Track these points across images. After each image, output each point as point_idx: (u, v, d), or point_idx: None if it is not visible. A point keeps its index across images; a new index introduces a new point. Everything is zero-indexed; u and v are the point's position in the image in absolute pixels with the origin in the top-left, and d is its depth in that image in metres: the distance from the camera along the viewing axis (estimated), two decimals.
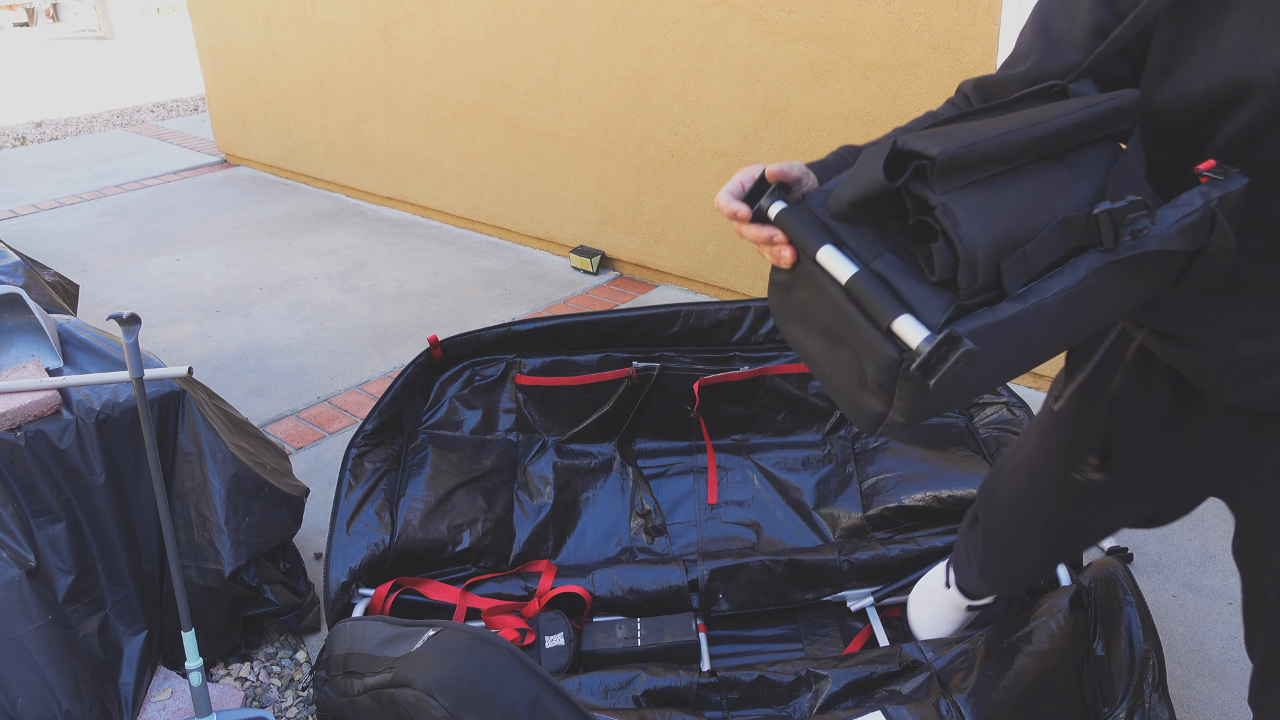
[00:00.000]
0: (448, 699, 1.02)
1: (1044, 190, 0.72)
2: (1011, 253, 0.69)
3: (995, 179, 0.70)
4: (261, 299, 3.30)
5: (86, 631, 1.53)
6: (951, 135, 0.70)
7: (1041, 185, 0.72)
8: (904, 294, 0.69)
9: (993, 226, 0.68)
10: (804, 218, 0.75)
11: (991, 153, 0.69)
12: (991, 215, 0.69)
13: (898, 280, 0.69)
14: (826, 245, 0.72)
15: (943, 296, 0.68)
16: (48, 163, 5.29)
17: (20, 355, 1.67)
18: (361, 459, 1.74)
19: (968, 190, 0.69)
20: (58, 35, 11.44)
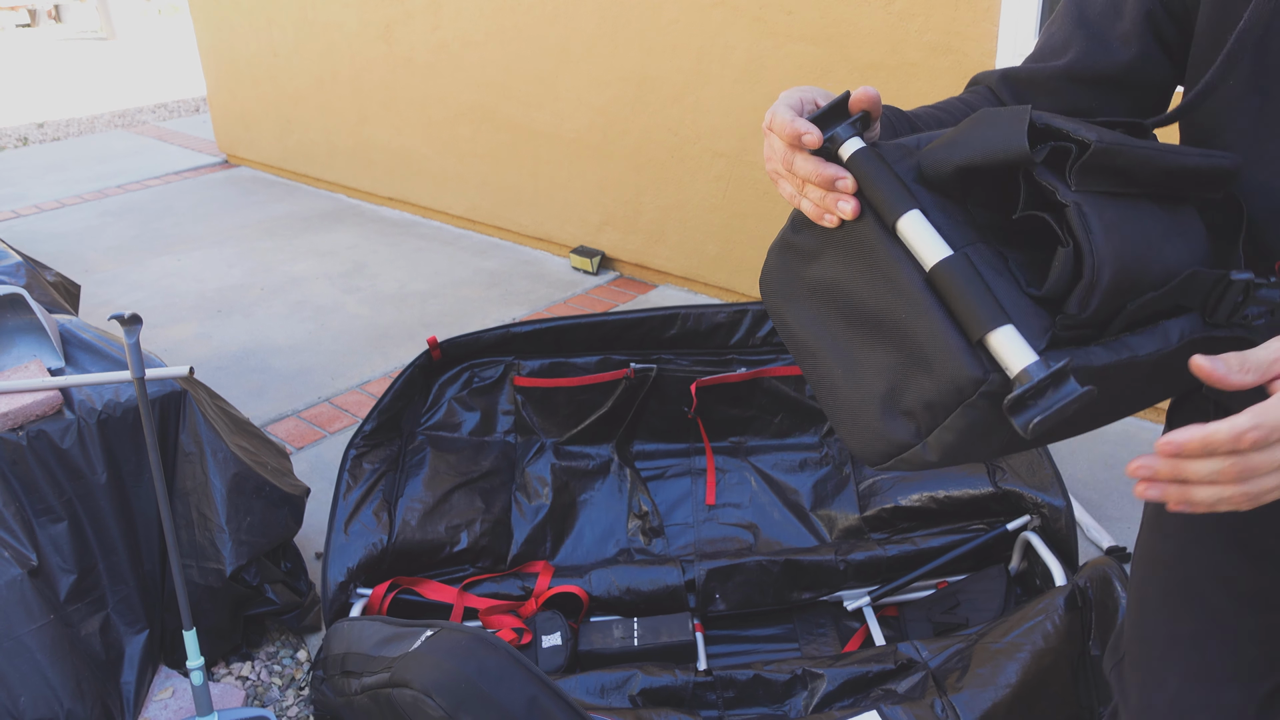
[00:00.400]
0: (445, 699, 1.03)
1: (1158, 230, 0.59)
2: (1129, 288, 0.56)
3: (1126, 198, 0.58)
4: (262, 299, 3.31)
5: (88, 630, 1.54)
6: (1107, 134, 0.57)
7: (1155, 224, 0.59)
8: (1002, 298, 0.55)
9: (1124, 252, 0.55)
10: (885, 168, 0.59)
11: (1136, 163, 0.57)
12: (1126, 238, 0.56)
13: (994, 280, 0.56)
14: (914, 210, 0.57)
15: (1042, 317, 0.55)
16: (50, 163, 5.31)
17: (22, 355, 1.68)
18: (360, 459, 1.75)
19: (1102, 200, 0.56)
20: (60, 36, 11.46)
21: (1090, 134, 0.56)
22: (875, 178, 0.59)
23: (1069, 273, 0.55)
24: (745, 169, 2.91)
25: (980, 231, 0.58)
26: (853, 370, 0.61)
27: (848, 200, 0.59)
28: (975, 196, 0.59)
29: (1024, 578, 1.67)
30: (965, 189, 0.59)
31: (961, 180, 0.58)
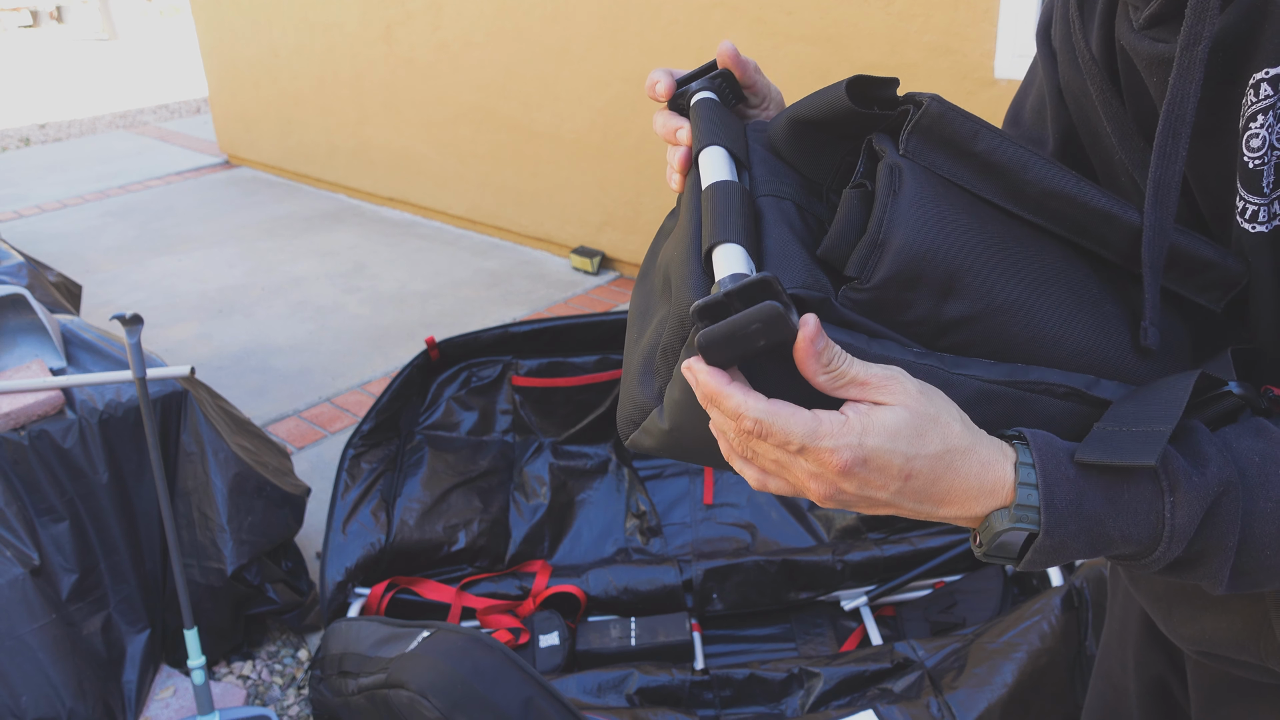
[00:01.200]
0: (441, 700, 1.03)
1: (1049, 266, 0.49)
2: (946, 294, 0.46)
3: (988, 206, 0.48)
4: (263, 299, 3.32)
5: (90, 630, 1.55)
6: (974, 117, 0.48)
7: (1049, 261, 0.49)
8: (769, 243, 0.46)
9: (943, 237, 0.46)
10: (723, 120, 0.53)
11: (1004, 159, 0.47)
12: (956, 224, 0.46)
13: (775, 229, 0.47)
14: (715, 146, 0.51)
15: (814, 273, 0.46)
16: (51, 164, 5.32)
17: (24, 355, 1.69)
18: (358, 459, 1.76)
19: (942, 180, 0.47)
20: (62, 37, 11.48)
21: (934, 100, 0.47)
22: (704, 119, 0.53)
23: (853, 228, 0.47)
24: None
25: (814, 207, 0.51)
26: (642, 332, 0.53)
27: (682, 149, 0.55)
28: (828, 163, 0.52)
29: (1021, 578, 1.67)
30: (805, 152, 0.52)
31: (797, 138, 0.52)
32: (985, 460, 0.44)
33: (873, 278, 0.45)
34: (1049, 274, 0.49)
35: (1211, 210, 0.52)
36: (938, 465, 0.44)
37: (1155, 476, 0.44)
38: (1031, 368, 0.48)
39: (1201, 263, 0.50)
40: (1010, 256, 0.48)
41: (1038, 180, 0.48)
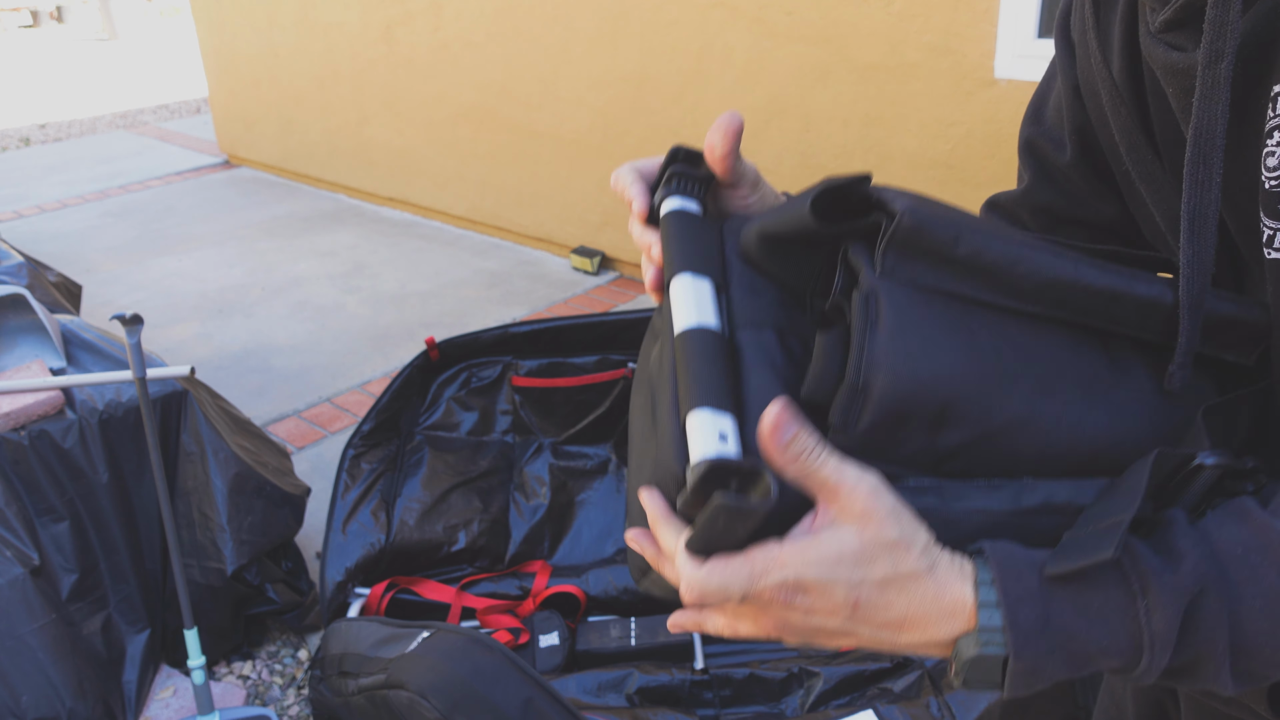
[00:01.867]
0: (440, 701, 1.03)
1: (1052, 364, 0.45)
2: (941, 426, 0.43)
3: (982, 309, 0.45)
4: (263, 299, 3.32)
5: (90, 630, 1.55)
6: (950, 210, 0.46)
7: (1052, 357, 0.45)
8: (750, 390, 0.43)
9: (930, 367, 0.42)
10: (697, 234, 0.50)
11: (990, 261, 0.44)
12: (942, 350, 0.43)
13: (757, 370, 0.44)
14: (684, 274, 0.47)
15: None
16: (51, 164, 5.32)
17: (24, 355, 1.69)
18: (358, 459, 1.76)
19: (927, 295, 0.44)
20: (62, 37, 11.48)
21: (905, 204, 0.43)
22: (675, 237, 0.50)
23: (833, 369, 0.44)
24: None
25: (798, 326, 0.47)
26: (640, 463, 0.51)
27: (650, 268, 0.52)
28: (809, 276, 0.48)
29: None
30: (781, 264, 0.48)
31: (769, 252, 0.48)
32: (942, 581, 0.41)
33: (857, 426, 0.43)
34: (1053, 374, 0.45)
35: (1244, 234, 0.47)
36: (887, 592, 0.41)
37: (1125, 579, 0.40)
38: (1039, 483, 0.44)
39: (1224, 321, 0.46)
40: (1007, 368, 0.44)
41: (1031, 273, 0.45)
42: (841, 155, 2.67)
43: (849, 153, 2.65)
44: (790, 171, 2.80)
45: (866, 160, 2.62)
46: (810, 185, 0.47)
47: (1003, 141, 2.35)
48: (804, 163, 2.76)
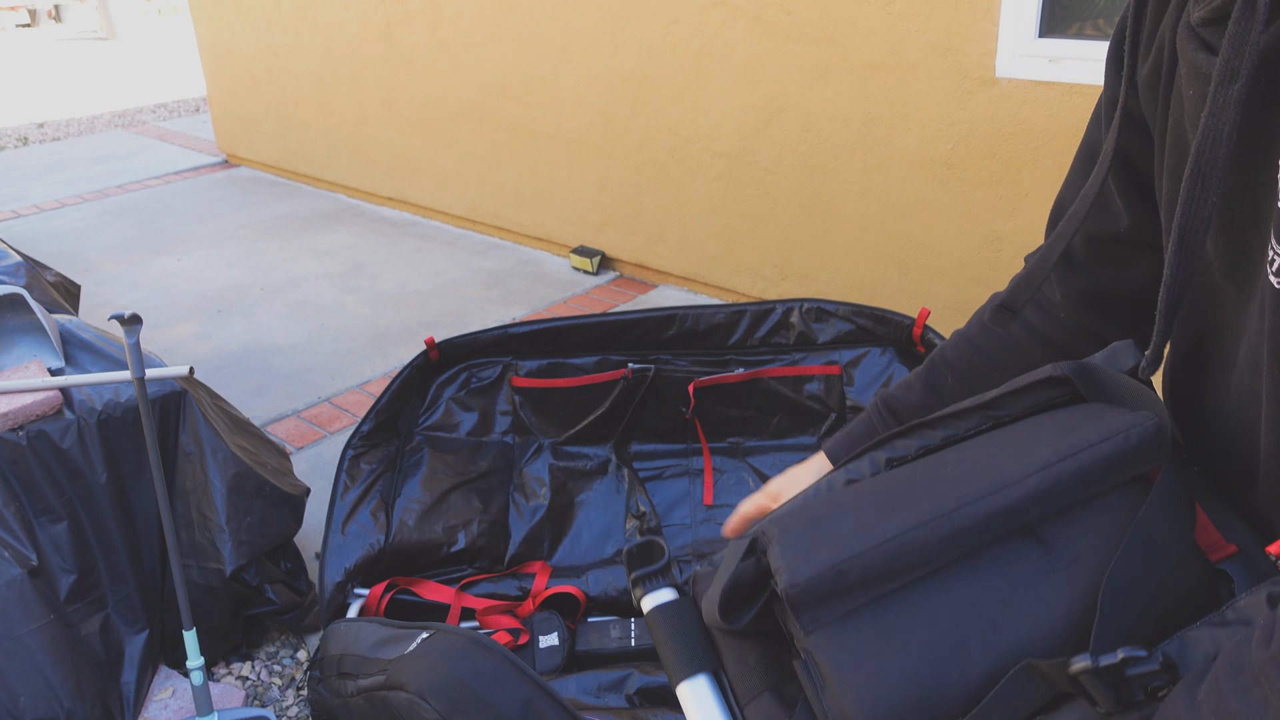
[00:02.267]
0: (440, 702, 1.03)
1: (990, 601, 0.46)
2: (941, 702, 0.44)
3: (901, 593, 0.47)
4: (262, 299, 3.31)
5: (88, 630, 1.54)
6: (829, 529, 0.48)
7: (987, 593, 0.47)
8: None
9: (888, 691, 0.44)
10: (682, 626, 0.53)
11: (881, 569, 0.46)
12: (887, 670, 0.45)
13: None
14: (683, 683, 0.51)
15: None
16: (50, 163, 5.31)
17: (22, 355, 1.68)
18: (358, 460, 1.76)
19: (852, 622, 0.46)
20: (60, 36, 11.47)
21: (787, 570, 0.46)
22: (662, 644, 0.54)
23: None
24: (745, 169, 2.91)
25: (780, 670, 0.50)
26: None
27: None
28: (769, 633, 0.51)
29: None
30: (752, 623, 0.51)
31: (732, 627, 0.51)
32: None
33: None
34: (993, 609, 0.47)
35: (1230, 255, 0.47)
36: None
37: None
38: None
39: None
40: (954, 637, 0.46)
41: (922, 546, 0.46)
42: (842, 155, 2.67)
43: (849, 152, 2.65)
44: (790, 171, 2.80)
45: (867, 160, 2.62)
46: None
47: (1003, 141, 2.35)
48: (804, 163, 2.76)
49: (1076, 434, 0.50)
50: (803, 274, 2.91)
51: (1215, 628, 0.45)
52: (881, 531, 0.47)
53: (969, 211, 2.47)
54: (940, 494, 0.48)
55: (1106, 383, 0.55)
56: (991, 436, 0.55)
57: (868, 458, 0.58)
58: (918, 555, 0.47)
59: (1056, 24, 2.24)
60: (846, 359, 1.90)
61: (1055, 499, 0.48)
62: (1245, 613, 0.45)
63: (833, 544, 0.47)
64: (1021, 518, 0.48)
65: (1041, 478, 0.48)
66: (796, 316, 1.92)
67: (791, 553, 0.47)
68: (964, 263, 2.53)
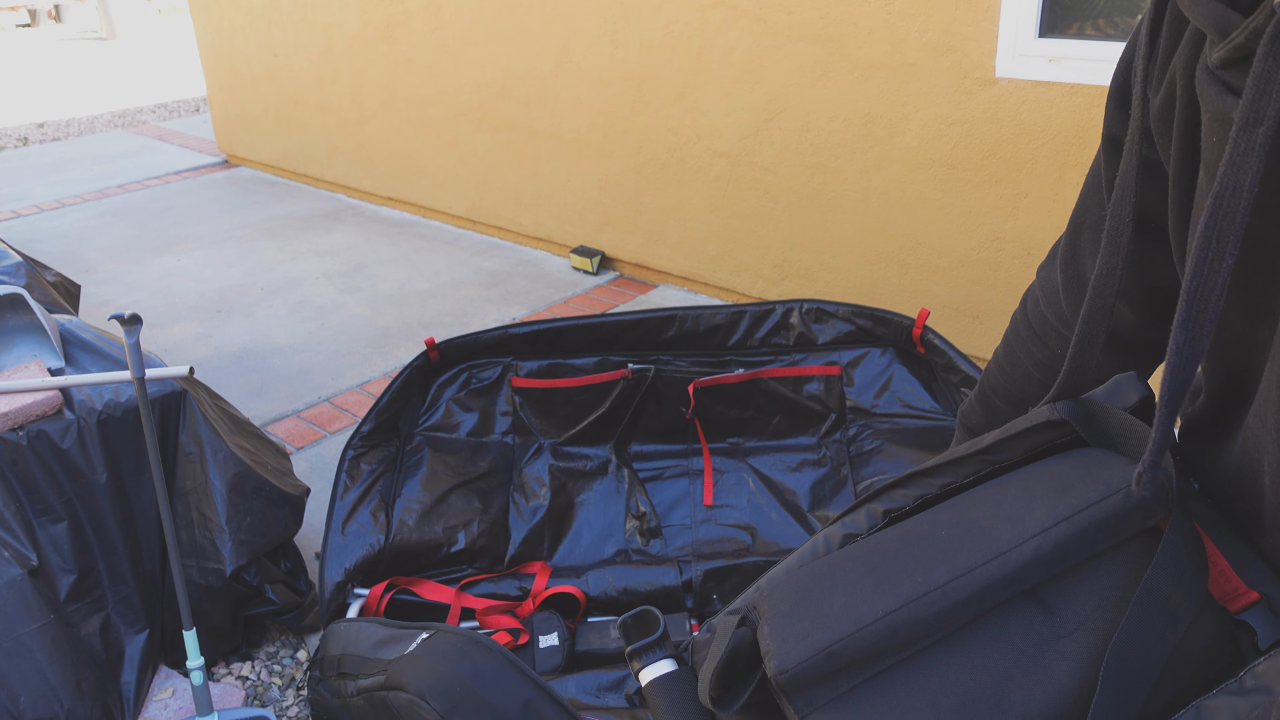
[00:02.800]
0: (440, 702, 1.03)
1: (992, 672, 0.45)
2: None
3: (897, 670, 0.45)
4: (262, 299, 3.31)
5: (88, 630, 1.54)
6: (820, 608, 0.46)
7: (988, 665, 0.45)
8: None
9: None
10: (682, 695, 0.53)
11: (874, 648, 0.45)
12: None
13: None
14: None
15: None
16: (50, 163, 5.31)
17: (22, 355, 1.68)
18: (358, 460, 1.76)
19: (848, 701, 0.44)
20: (60, 36, 11.47)
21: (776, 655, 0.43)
22: (664, 716, 0.54)
23: None
24: (745, 169, 2.91)
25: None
26: None
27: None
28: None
29: None
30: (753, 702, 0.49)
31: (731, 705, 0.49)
32: None
33: None
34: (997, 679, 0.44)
35: (1246, 307, 0.43)
36: None
37: None
38: None
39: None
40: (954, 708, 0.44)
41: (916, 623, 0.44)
42: (842, 155, 2.67)
43: (849, 152, 2.65)
44: (790, 171, 2.80)
45: (867, 160, 2.62)
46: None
47: (1003, 141, 2.35)
48: (804, 162, 2.76)
49: (1075, 492, 0.47)
50: (803, 274, 2.91)
51: (1233, 696, 0.42)
52: (873, 610, 0.45)
53: (969, 211, 2.47)
54: (933, 564, 0.46)
55: (1108, 424, 0.52)
56: (989, 490, 0.52)
57: (864, 510, 0.56)
58: (911, 633, 0.45)
59: (1056, 24, 2.24)
60: (846, 359, 1.90)
61: (1055, 563, 0.46)
62: (1264, 680, 0.41)
63: (823, 623, 0.45)
64: (1020, 585, 0.46)
65: (1039, 543, 0.45)
66: (796, 317, 1.92)
67: (781, 634, 0.46)
68: (964, 263, 2.53)
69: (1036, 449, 0.55)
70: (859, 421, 1.88)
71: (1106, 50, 2.15)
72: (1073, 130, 2.23)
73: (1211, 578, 0.47)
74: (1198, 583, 0.46)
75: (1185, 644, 0.45)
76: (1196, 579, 0.46)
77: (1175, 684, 0.44)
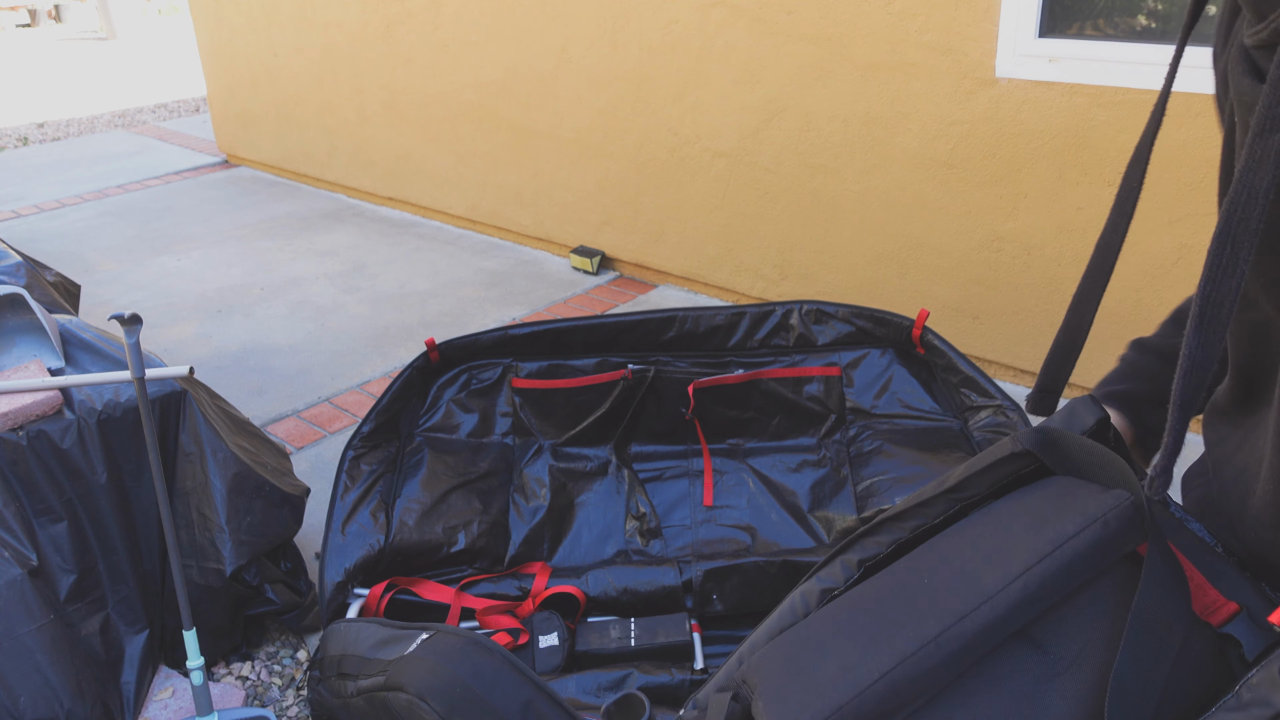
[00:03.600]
0: (440, 703, 1.03)
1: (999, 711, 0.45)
2: None
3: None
4: (262, 299, 3.31)
5: (88, 630, 1.54)
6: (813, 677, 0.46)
7: (991, 709, 0.46)
8: None
9: None
10: None
11: (873, 713, 0.45)
12: None
13: None
14: None
15: None
16: (50, 163, 5.31)
17: (22, 355, 1.68)
18: (358, 461, 1.76)
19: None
20: (60, 36, 11.46)
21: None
22: None
23: None
24: (745, 169, 2.91)
25: None
26: None
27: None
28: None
29: None
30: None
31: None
32: None
33: None
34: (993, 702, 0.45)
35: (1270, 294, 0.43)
36: None
37: None
38: None
39: None
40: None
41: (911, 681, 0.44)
42: (842, 155, 2.67)
43: (849, 152, 2.65)
44: (790, 171, 2.80)
45: (867, 160, 2.62)
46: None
47: (1003, 141, 2.35)
48: (804, 163, 2.76)
49: (1052, 527, 0.48)
50: (803, 274, 2.91)
51: (1232, 713, 0.43)
52: (868, 672, 0.45)
53: (969, 211, 2.47)
54: (921, 616, 0.46)
55: (1070, 451, 0.53)
56: (963, 530, 0.52)
57: (839, 562, 0.56)
58: (910, 690, 0.45)
59: (1056, 24, 2.24)
60: (846, 360, 1.90)
61: (1042, 601, 0.46)
62: (1260, 692, 0.43)
63: (819, 691, 0.45)
64: (1010, 627, 0.46)
65: (1025, 582, 0.46)
66: (796, 318, 1.92)
67: (778, 708, 0.45)
68: (964, 263, 2.53)
69: (1003, 481, 0.55)
70: (859, 422, 1.88)
71: (1106, 50, 2.15)
72: (1073, 130, 2.23)
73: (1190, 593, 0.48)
74: (1183, 603, 0.47)
75: (1179, 666, 0.45)
76: (1181, 599, 0.47)
77: (1175, 707, 0.45)
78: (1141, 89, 2.10)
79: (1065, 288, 2.38)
